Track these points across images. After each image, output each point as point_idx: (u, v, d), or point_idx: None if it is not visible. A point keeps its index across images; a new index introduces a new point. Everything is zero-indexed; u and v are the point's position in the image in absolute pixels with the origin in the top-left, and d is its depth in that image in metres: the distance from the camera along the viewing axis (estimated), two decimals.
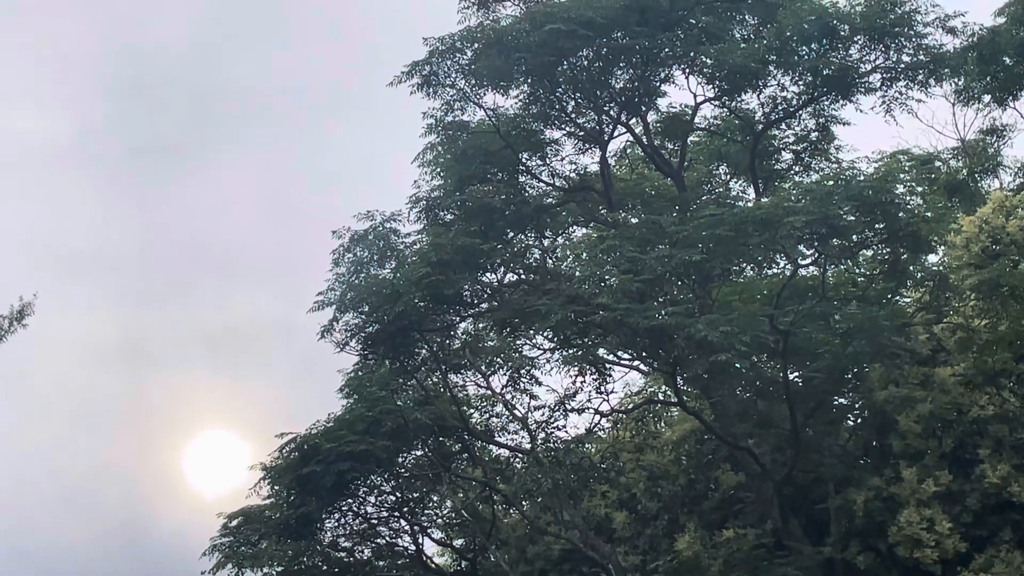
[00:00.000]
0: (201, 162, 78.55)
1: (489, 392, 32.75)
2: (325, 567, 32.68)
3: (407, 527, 33.28)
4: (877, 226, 26.26)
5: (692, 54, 29.50)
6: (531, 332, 30.08)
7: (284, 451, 30.84)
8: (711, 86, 30.34)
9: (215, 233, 78.58)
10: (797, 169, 32.97)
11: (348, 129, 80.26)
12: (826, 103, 30.62)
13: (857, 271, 29.47)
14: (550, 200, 32.29)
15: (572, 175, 32.24)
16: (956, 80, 30.80)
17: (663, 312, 25.34)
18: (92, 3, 77.67)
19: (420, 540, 33.43)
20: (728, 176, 34.73)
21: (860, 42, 28.76)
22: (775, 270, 29.96)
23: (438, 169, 31.33)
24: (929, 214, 27.54)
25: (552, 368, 31.59)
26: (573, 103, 30.83)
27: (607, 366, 30.16)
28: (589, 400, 31.54)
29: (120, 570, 56.16)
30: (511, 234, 30.83)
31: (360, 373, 31.61)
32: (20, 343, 34.34)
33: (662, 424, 34.75)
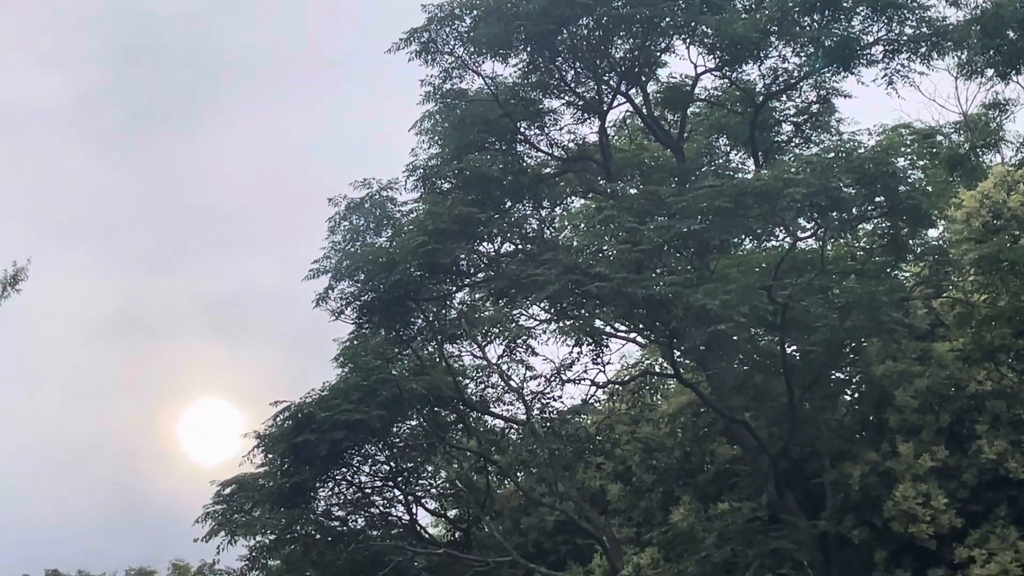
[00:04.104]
0: (201, 129, 78.48)
1: (485, 362, 32.62)
2: (318, 536, 32.57)
3: (401, 497, 33.19)
4: (877, 199, 26.08)
5: (693, 24, 29.21)
6: (528, 302, 29.90)
7: (278, 419, 30.70)
8: (712, 57, 30.10)
9: (214, 201, 78.50)
10: (797, 141, 32.82)
11: (349, 97, 79.97)
12: (827, 75, 30.37)
13: (856, 245, 29.29)
14: (548, 170, 32.10)
15: (571, 145, 32.05)
16: (959, 54, 30.53)
17: (661, 282, 25.19)
18: None
19: (414, 510, 33.40)
20: (728, 148, 34.51)
21: (863, 13, 28.53)
22: (774, 242, 29.88)
23: (436, 137, 31.15)
24: (930, 188, 27.37)
25: (548, 339, 31.54)
26: (572, 72, 30.56)
27: (604, 337, 30.05)
28: (585, 371, 31.54)
29: (119, 537, 56.24)
30: (508, 204, 30.64)
31: (355, 342, 31.47)
32: (15, 311, 34.22)
33: (658, 396, 34.63)
